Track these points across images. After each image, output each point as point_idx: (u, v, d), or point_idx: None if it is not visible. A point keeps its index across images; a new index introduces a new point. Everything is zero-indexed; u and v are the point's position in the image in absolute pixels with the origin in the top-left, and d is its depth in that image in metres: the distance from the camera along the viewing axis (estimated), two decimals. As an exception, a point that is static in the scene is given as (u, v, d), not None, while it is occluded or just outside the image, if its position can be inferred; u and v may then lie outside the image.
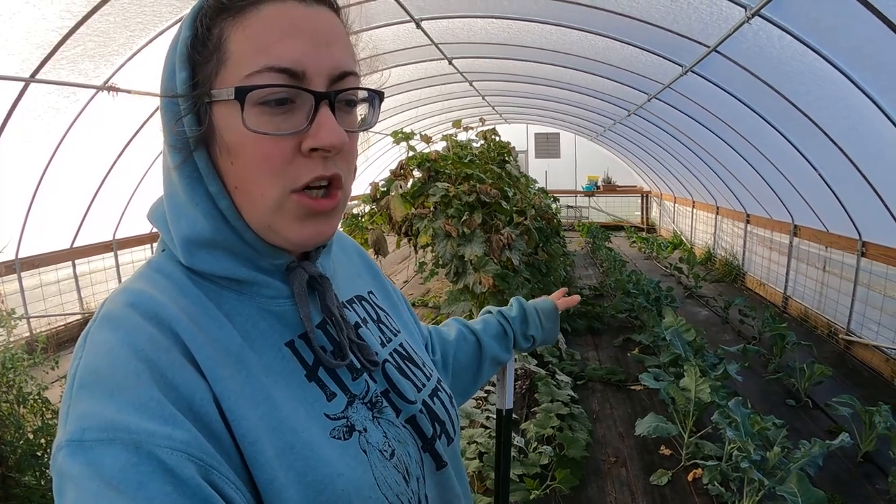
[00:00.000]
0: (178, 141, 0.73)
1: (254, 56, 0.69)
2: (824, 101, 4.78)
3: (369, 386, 0.84)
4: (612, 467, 3.90)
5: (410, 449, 0.85)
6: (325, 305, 0.84)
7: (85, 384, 0.62)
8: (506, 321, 1.47)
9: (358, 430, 0.77)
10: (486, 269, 5.19)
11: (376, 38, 7.21)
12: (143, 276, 0.76)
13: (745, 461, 3.06)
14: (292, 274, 0.81)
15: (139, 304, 0.69)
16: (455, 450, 0.96)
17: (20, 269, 6.23)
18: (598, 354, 6.11)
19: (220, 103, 0.71)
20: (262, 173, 0.71)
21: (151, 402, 0.61)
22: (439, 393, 0.97)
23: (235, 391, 0.68)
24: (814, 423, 4.42)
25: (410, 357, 0.97)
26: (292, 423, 0.71)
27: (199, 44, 0.72)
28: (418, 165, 6.13)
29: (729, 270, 9.57)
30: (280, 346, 0.77)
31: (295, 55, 0.69)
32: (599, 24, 5.97)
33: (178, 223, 0.76)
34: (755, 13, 4.08)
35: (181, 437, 0.60)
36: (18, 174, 5.63)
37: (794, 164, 6.09)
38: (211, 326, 0.72)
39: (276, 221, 0.74)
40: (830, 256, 6.36)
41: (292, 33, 0.70)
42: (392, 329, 1.00)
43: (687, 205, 12.33)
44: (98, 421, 0.58)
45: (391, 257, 11.14)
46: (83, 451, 0.57)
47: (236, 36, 0.70)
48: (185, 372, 0.65)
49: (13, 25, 4.27)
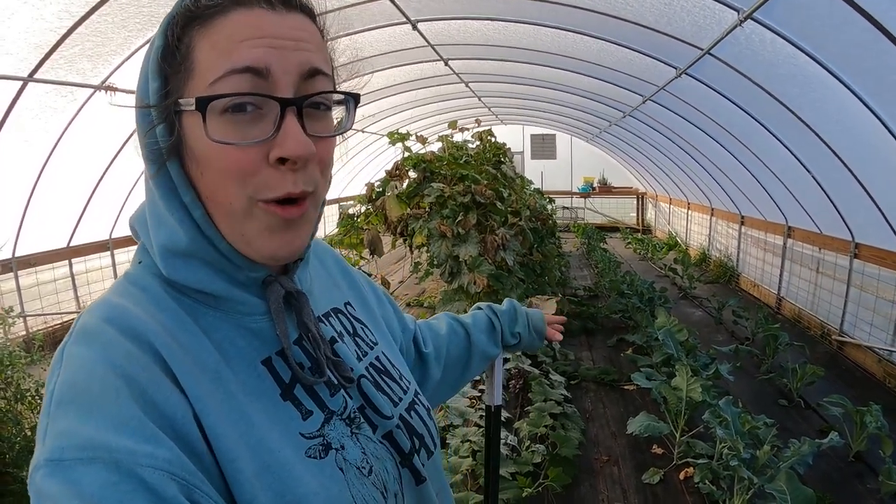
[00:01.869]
0: (152, 151, 0.72)
1: (217, 62, 0.67)
2: (817, 103, 4.81)
3: (347, 402, 0.83)
4: (604, 466, 3.92)
5: (388, 465, 0.84)
6: (302, 322, 0.82)
7: (63, 401, 0.61)
8: (495, 316, 1.49)
9: (335, 448, 0.77)
10: (480, 270, 5.21)
11: (373, 40, 7.23)
12: (120, 290, 0.74)
13: (735, 459, 3.09)
14: (269, 289, 0.80)
15: (116, 319, 0.68)
16: (435, 463, 0.96)
17: (17, 267, 6.22)
18: (591, 354, 6.13)
19: (188, 113, 0.69)
20: (228, 182, 0.69)
21: (132, 419, 0.59)
22: (417, 406, 0.96)
23: (215, 408, 0.67)
24: (805, 423, 4.45)
25: (387, 370, 0.96)
26: (268, 443, 0.70)
27: (169, 54, 0.70)
28: (414, 166, 6.16)
29: (723, 272, 9.61)
30: (256, 364, 0.76)
31: (258, 55, 0.67)
32: (594, 27, 6.00)
33: (158, 232, 0.74)
34: (747, 16, 4.11)
35: (163, 455, 0.58)
36: (16, 173, 5.62)
37: (787, 166, 6.13)
38: (189, 342, 0.71)
39: (248, 230, 0.72)
40: (824, 258, 6.40)
41: (256, 35, 0.68)
42: (368, 342, 0.98)
43: (682, 206, 12.37)
44: (77, 440, 0.57)
45: (387, 257, 11.15)
46: (62, 470, 0.55)
47: (202, 44, 0.68)
48: (165, 389, 0.64)
49: (11, 25, 4.28)
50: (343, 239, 6.64)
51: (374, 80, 9.23)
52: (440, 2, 6.14)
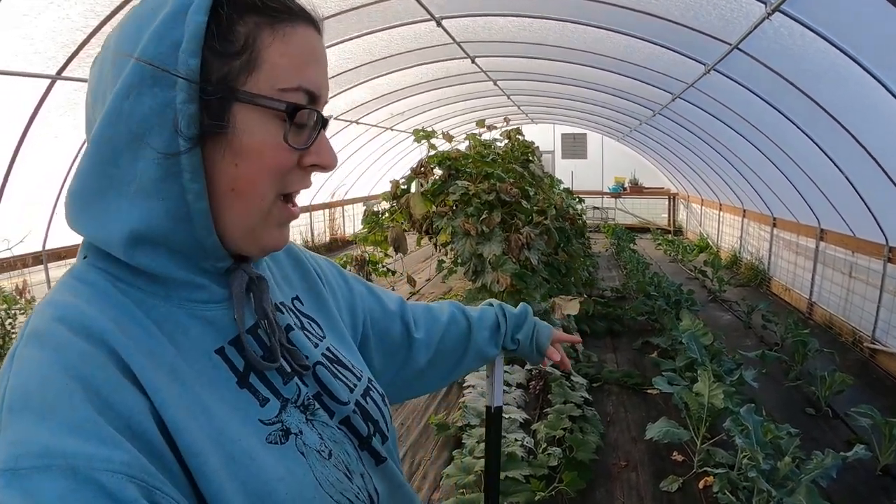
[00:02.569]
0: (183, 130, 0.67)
1: (290, 73, 0.73)
2: (849, 100, 4.66)
3: (300, 389, 0.83)
4: (621, 471, 3.83)
5: (348, 448, 0.85)
6: (261, 307, 0.82)
7: (15, 408, 0.59)
8: (503, 316, 1.46)
9: (294, 433, 0.78)
10: (504, 269, 5.17)
11: (398, 37, 7.20)
12: (67, 287, 0.72)
13: (754, 471, 2.98)
14: (233, 275, 0.80)
15: (67, 318, 0.66)
16: (390, 448, 0.97)
17: (47, 260, 6.34)
18: (616, 357, 6.03)
19: (246, 105, 0.70)
20: (268, 179, 0.74)
21: (87, 423, 0.58)
22: (371, 393, 0.97)
23: (174, 402, 0.66)
24: (832, 433, 4.30)
25: (338, 359, 0.96)
26: (229, 432, 0.70)
27: (220, 34, 0.68)
28: (439, 164, 6.12)
29: (754, 275, 9.41)
30: (210, 354, 0.75)
31: (318, 81, 0.76)
32: (619, 22, 5.90)
33: (129, 213, 0.69)
34: (775, 9, 3.98)
35: (120, 458, 0.57)
36: (46, 168, 5.74)
37: (819, 166, 5.95)
38: (142, 336, 0.69)
39: (260, 225, 0.76)
40: (857, 262, 6.21)
41: (316, 60, 0.77)
42: (316, 335, 0.97)
43: (714, 207, 12.16)
44: (32, 447, 0.55)
45: (415, 256, 11.16)
46: (18, 479, 0.53)
47: (275, 48, 0.71)
48: (122, 388, 0.63)
49: (38, 25, 4.36)
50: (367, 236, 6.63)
51: (401, 77, 9.24)
52: (464, -2, 6.10)
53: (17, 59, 4.56)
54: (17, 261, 5.43)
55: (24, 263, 5.78)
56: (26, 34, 4.37)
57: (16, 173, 5.36)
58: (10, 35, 4.30)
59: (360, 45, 7.22)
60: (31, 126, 5.16)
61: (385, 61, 8.08)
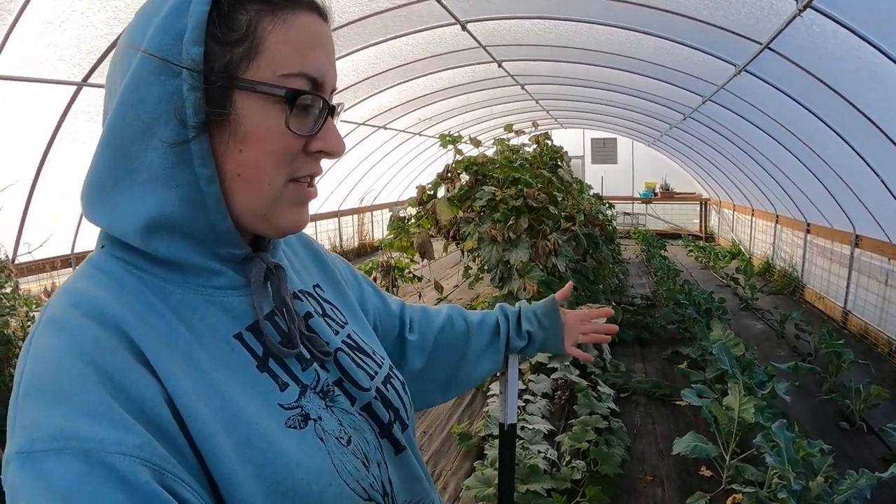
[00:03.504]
0: (179, 118, 0.69)
1: (291, 59, 0.73)
2: (885, 100, 4.50)
3: (320, 375, 0.84)
4: (647, 486, 3.73)
5: (368, 435, 0.85)
6: (280, 295, 0.84)
7: (30, 392, 0.60)
8: (504, 317, 1.42)
9: (313, 419, 0.78)
10: (531, 275, 5.12)
11: (423, 42, 7.18)
12: (84, 275, 0.73)
13: (784, 491, 2.87)
14: (251, 263, 0.82)
15: (82, 304, 0.67)
16: (410, 436, 0.96)
17: (75, 263, 6.44)
18: (644, 367, 5.91)
19: (247, 93, 0.71)
20: (274, 165, 0.74)
21: (100, 406, 0.59)
22: (392, 380, 0.97)
23: (187, 387, 0.67)
24: (867, 449, 4.14)
25: (360, 346, 0.97)
26: (246, 415, 0.70)
27: (222, 23, 0.70)
28: (465, 169, 6.08)
29: (787, 282, 9.20)
30: (228, 339, 0.76)
31: (322, 67, 0.76)
32: (647, 23, 5.80)
33: (144, 202, 0.71)
34: (807, 5, 3.85)
35: (132, 441, 0.58)
36: (73, 172, 5.80)
37: (854, 170, 5.77)
38: (157, 322, 0.70)
39: (273, 209, 0.77)
40: (893, 269, 6.02)
41: (320, 46, 0.76)
42: (339, 321, 0.99)
43: (746, 213, 11.95)
44: (45, 430, 0.56)
45: (443, 262, 11.14)
46: (32, 462, 0.55)
47: (276, 34, 0.72)
48: (134, 372, 0.63)
49: (63, 32, 4.43)
50: (393, 242, 6.61)
51: (429, 82, 9.22)
52: (489, 1, 6.03)
53: (43, 67, 4.62)
54: (45, 263, 5.52)
55: (53, 266, 5.86)
56: (51, 42, 4.43)
57: (44, 178, 5.43)
58: (36, 43, 4.36)
59: (385, 50, 7.20)
60: (59, 132, 5.24)
61: (411, 66, 8.06)
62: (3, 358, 3.35)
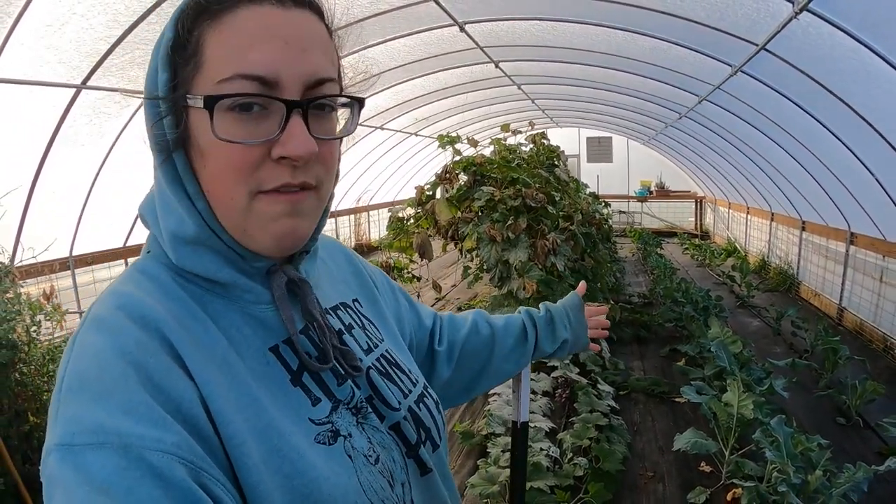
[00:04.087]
0: (159, 142, 0.74)
1: (226, 62, 0.69)
2: (880, 101, 4.56)
3: (354, 392, 0.84)
4: (648, 482, 3.78)
5: (395, 455, 0.85)
6: (307, 310, 0.83)
7: (73, 388, 0.62)
8: (531, 323, 1.43)
9: (343, 436, 0.77)
10: (530, 275, 5.15)
11: (420, 43, 7.20)
12: (130, 279, 0.75)
13: (784, 484, 2.92)
14: (273, 277, 0.81)
15: (126, 307, 0.69)
16: (441, 455, 0.96)
17: (74, 266, 6.41)
18: (643, 364, 5.97)
19: (195, 108, 0.71)
20: (230, 178, 0.71)
21: (140, 405, 0.60)
22: (426, 399, 0.97)
23: (222, 394, 0.68)
24: (863, 444, 4.20)
25: (397, 363, 0.97)
26: (279, 427, 0.71)
27: (179, 46, 0.72)
28: (464, 169, 6.11)
29: (783, 279, 9.26)
30: (264, 352, 0.77)
31: (267, 62, 0.69)
32: (644, 24, 5.84)
33: (167, 219, 0.76)
34: (803, 7, 3.90)
35: (171, 439, 0.59)
36: (72, 175, 5.80)
37: (849, 168, 5.83)
38: (197, 329, 0.72)
39: (249, 225, 0.74)
40: (888, 266, 6.07)
41: (265, 39, 0.69)
42: (376, 338, 0.98)
43: (741, 211, 12.01)
44: (87, 425, 0.58)
45: (440, 261, 11.15)
46: (72, 455, 0.56)
47: (212, 41, 0.70)
48: (173, 374, 0.65)
49: (63, 35, 4.41)
50: (392, 242, 6.63)
51: (426, 82, 9.24)
52: (486, 2, 6.06)
53: (42, 70, 4.62)
54: (44, 266, 5.51)
55: (52, 269, 5.84)
56: (51, 44, 4.43)
57: (43, 180, 5.42)
58: (35, 45, 4.35)
59: (383, 51, 7.22)
60: (58, 134, 5.23)
61: (408, 67, 8.08)
62: (9, 363, 3.37)
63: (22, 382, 3.42)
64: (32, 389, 3.48)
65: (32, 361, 3.55)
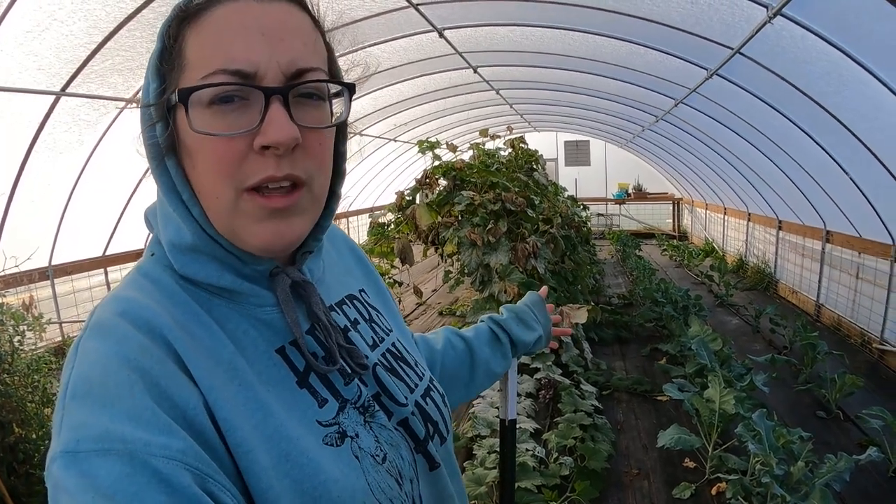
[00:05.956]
0: (152, 149, 0.74)
1: (206, 60, 0.69)
2: (852, 101, 4.67)
3: (361, 390, 0.83)
4: (633, 479, 3.82)
5: (403, 451, 0.84)
6: (312, 311, 0.82)
7: (77, 394, 0.61)
8: (498, 326, 1.43)
9: (350, 437, 0.77)
10: (511, 278, 5.18)
11: (400, 49, 7.22)
12: (133, 283, 0.75)
13: (767, 476, 2.97)
14: (275, 280, 0.80)
15: (130, 313, 0.68)
16: (448, 449, 0.96)
17: (53, 275, 6.35)
18: (624, 364, 6.02)
19: (178, 108, 0.71)
20: (214, 174, 0.71)
21: (146, 411, 0.60)
22: (432, 393, 0.97)
23: (229, 400, 0.68)
24: (844, 436, 4.29)
25: (403, 357, 0.97)
26: (287, 431, 0.70)
27: (166, 55, 0.72)
28: (444, 174, 6.14)
29: (761, 278, 9.38)
30: (270, 354, 0.76)
31: (247, 55, 0.69)
32: (620, 30, 5.91)
33: (166, 228, 0.76)
34: (777, 12, 3.98)
35: (177, 446, 0.59)
36: (51, 184, 5.75)
37: (824, 168, 5.95)
38: (202, 334, 0.72)
39: (236, 224, 0.73)
40: (863, 263, 6.20)
41: (242, 33, 0.69)
42: (384, 328, 0.99)
43: (718, 211, 12.15)
44: (92, 431, 0.58)
45: (420, 266, 11.15)
46: (77, 462, 0.56)
47: (191, 41, 0.70)
48: (178, 381, 0.65)
49: (42, 41, 4.38)
50: (374, 248, 6.65)
51: (405, 88, 9.26)
52: (465, 8, 6.10)
53: (22, 76, 4.58)
54: (23, 276, 5.44)
55: (31, 279, 5.78)
56: (31, 51, 4.39)
57: (22, 188, 5.37)
58: (15, 52, 4.32)
59: (362, 58, 7.22)
60: (37, 141, 5.18)
61: (387, 72, 8.09)
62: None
63: (6, 393, 3.38)
64: (17, 400, 3.43)
65: (16, 372, 3.51)
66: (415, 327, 7.56)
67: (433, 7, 5.92)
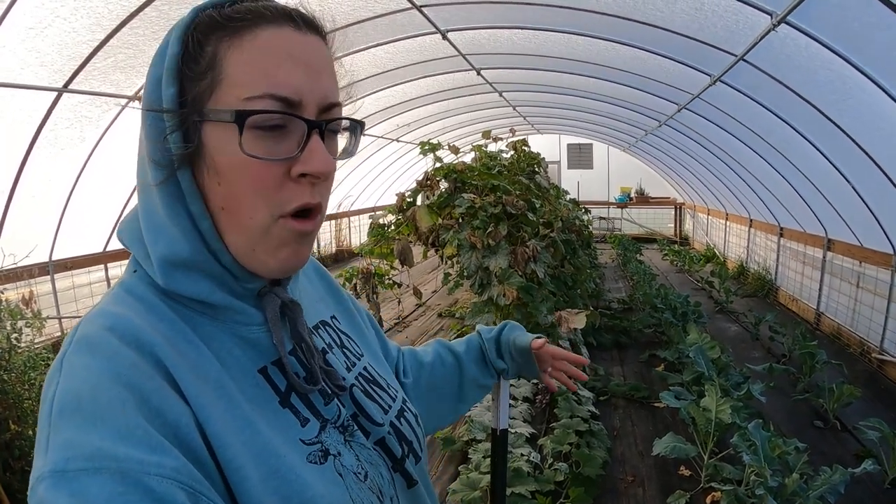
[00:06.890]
0: (163, 158, 0.72)
1: (254, 81, 0.69)
2: (855, 110, 4.65)
3: (340, 410, 0.84)
4: (628, 487, 3.81)
5: (382, 470, 0.86)
6: (297, 332, 0.84)
7: (65, 411, 0.60)
8: (483, 343, 1.41)
9: (332, 454, 0.78)
10: (510, 282, 5.15)
11: (403, 50, 7.22)
12: (118, 299, 0.73)
13: (762, 487, 2.96)
14: (265, 300, 0.81)
15: (118, 328, 0.67)
16: (423, 468, 0.98)
17: (53, 270, 6.35)
18: (622, 370, 6.00)
19: (213, 123, 0.70)
20: (251, 196, 0.72)
21: (137, 429, 0.59)
22: (406, 413, 0.98)
23: (218, 417, 0.67)
24: (841, 447, 4.27)
25: (375, 380, 0.98)
26: (275, 448, 0.71)
27: (190, 60, 0.71)
28: (445, 176, 6.12)
29: (761, 285, 9.37)
30: (254, 373, 0.77)
31: (294, 84, 0.70)
32: (624, 34, 5.90)
33: (157, 242, 0.74)
34: (781, 20, 3.98)
35: (170, 464, 0.58)
36: (52, 180, 5.74)
37: (826, 176, 5.93)
38: (189, 351, 0.71)
39: (260, 245, 0.74)
40: (864, 272, 6.18)
41: (289, 61, 0.71)
42: (355, 353, 1.00)
43: (720, 217, 12.13)
44: (82, 450, 0.56)
45: (421, 267, 11.15)
46: (67, 481, 0.54)
47: (234, 57, 0.70)
48: (169, 398, 0.64)
49: (45, 38, 4.37)
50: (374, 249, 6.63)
51: (408, 89, 9.25)
52: (468, 10, 6.09)
53: (24, 73, 4.58)
54: (23, 271, 5.45)
55: (31, 274, 5.79)
56: (33, 47, 4.38)
57: (23, 184, 5.37)
58: (17, 49, 4.31)
59: (366, 58, 7.23)
60: (39, 138, 5.18)
61: (390, 73, 8.09)
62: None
63: (3, 390, 3.37)
64: (13, 397, 3.42)
65: (13, 369, 3.50)
66: (414, 328, 7.56)
67: (436, 9, 5.92)
